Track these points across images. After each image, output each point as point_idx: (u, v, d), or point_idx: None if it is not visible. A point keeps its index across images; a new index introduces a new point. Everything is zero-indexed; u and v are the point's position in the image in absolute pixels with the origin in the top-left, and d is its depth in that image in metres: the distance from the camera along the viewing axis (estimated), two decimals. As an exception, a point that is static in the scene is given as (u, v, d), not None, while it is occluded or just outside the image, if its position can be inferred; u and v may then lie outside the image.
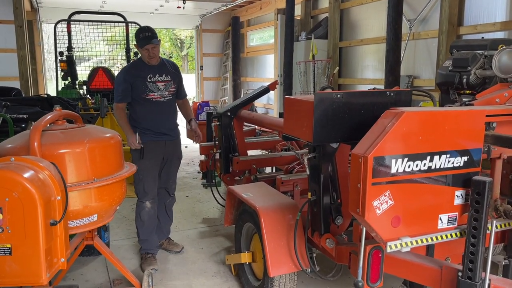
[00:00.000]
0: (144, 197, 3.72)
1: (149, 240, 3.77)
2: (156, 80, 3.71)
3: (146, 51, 3.64)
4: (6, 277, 2.13)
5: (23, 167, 2.17)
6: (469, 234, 2.00)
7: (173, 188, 4.07)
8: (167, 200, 4.04)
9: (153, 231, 3.81)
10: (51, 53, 16.94)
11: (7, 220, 2.07)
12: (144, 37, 3.60)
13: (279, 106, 9.52)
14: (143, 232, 3.74)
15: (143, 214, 3.71)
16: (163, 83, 3.75)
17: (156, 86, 3.70)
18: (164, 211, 4.03)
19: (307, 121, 2.32)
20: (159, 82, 3.73)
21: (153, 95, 3.70)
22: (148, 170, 3.68)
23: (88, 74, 8.07)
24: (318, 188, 2.65)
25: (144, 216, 3.71)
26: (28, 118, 5.13)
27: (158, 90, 3.71)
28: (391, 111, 2.01)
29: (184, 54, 32.68)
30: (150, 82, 3.68)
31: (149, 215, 3.73)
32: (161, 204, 3.99)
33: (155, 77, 3.71)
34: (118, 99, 3.73)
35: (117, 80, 3.79)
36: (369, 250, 2.24)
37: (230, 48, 12.29)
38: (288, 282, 3.00)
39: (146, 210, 3.71)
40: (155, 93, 3.70)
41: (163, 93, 3.74)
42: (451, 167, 2.06)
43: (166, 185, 3.98)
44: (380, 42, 7.03)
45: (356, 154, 1.95)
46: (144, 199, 3.72)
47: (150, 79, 3.68)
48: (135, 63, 3.87)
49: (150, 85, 3.68)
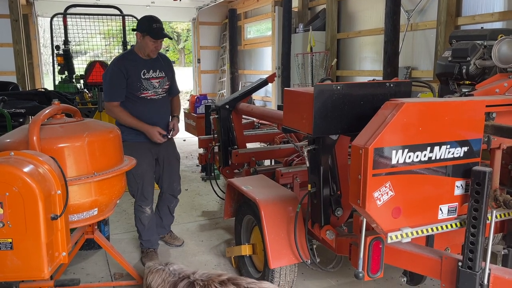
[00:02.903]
0: (143, 202, 3.59)
1: (150, 240, 3.72)
2: (150, 77, 3.45)
3: (153, 43, 3.35)
4: (8, 271, 2.14)
5: (23, 161, 2.17)
6: (469, 224, 2.01)
7: (178, 190, 3.93)
8: (171, 204, 3.94)
9: (154, 231, 3.76)
10: (47, 47, 16.82)
11: (8, 214, 2.07)
12: (157, 28, 3.31)
13: (277, 98, 9.51)
14: (144, 234, 3.68)
15: (144, 218, 3.62)
16: (157, 79, 3.50)
17: (150, 84, 3.45)
18: (168, 211, 3.96)
19: (307, 113, 2.32)
20: (153, 79, 3.47)
21: (147, 93, 3.46)
22: (144, 173, 3.52)
23: (85, 68, 8.04)
24: (318, 180, 2.66)
25: (145, 221, 3.63)
26: (25, 113, 5.12)
27: (152, 88, 3.46)
28: (391, 102, 2.01)
29: (181, 47, 32.54)
30: (145, 79, 3.42)
31: (149, 218, 3.66)
32: (165, 206, 3.92)
33: (149, 73, 3.44)
34: (111, 97, 3.39)
35: (108, 74, 3.40)
36: (370, 241, 2.25)
37: (227, 41, 12.23)
38: (289, 273, 3.01)
39: (146, 215, 3.62)
40: (150, 90, 3.46)
41: (157, 91, 3.50)
42: (451, 157, 2.06)
43: (170, 190, 3.85)
44: (378, 34, 7.00)
45: (356, 145, 1.95)
46: (143, 205, 3.59)
47: (144, 76, 3.42)
48: (127, 55, 3.52)
49: (144, 82, 3.42)
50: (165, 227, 4.03)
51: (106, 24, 9.12)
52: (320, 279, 3.40)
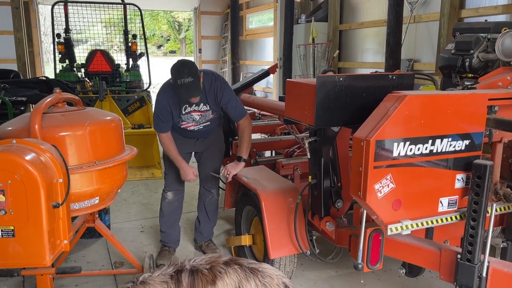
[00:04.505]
0: (165, 188, 3.56)
1: (167, 233, 3.62)
2: (192, 110, 3.22)
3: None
4: (10, 258, 2.15)
5: (25, 149, 2.17)
6: (469, 217, 2.02)
7: (213, 184, 3.62)
8: (206, 199, 3.65)
9: (173, 226, 3.63)
10: (48, 35, 16.73)
11: (10, 202, 2.08)
12: (183, 85, 2.89)
13: (279, 89, 9.48)
14: (162, 224, 3.61)
15: (164, 205, 3.57)
16: (199, 113, 3.24)
17: (191, 116, 3.25)
18: (204, 211, 3.67)
19: (309, 105, 2.32)
20: (194, 112, 3.23)
21: (187, 124, 3.31)
22: (171, 162, 3.40)
23: (86, 57, 8.01)
24: (318, 172, 2.66)
25: (164, 208, 3.57)
26: (27, 101, 5.11)
27: (192, 120, 3.28)
28: (393, 94, 2.01)
29: (182, 37, 32.39)
30: (185, 114, 3.23)
31: (170, 207, 3.56)
32: (201, 203, 3.69)
33: (192, 107, 3.20)
34: (160, 129, 3.26)
35: (157, 107, 3.24)
36: (370, 233, 2.26)
37: (229, 31, 12.16)
38: (288, 264, 3.03)
39: (167, 201, 3.55)
40: (190, 122, 3.30)
41: (199, 122, 3.30)
42: (453, 150, 2.07)
43: (203, 182, 3.63)
44: (381, 25, 6.96)
45: (358, 137, 1.95)
46: (166, 190, 3.56)
47: (185, 111, 3.21)
48: (171, 87, 3.14)
49: (184, 116, 3.24)
50: (202, 233, 3.74)
51: (107, 13, 9.05)
52: (319, 269, 3.42)
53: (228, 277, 1.78)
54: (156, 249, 3.80)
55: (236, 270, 1.81)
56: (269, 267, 1.96)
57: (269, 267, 1.95)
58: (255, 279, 1.81)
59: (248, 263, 1.90)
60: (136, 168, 6.10)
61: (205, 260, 1.86)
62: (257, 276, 1.83)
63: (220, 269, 1.80)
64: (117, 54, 8.92)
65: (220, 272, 1.78)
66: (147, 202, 5.02)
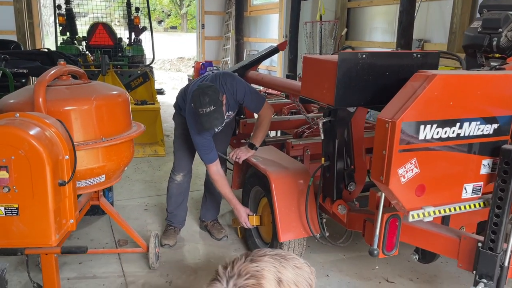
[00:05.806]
0: (174, 169, 3.51)
1: (174, 213, 3.58)
2: None
3: None
4: (14, 238, 2.07)
5: (29, 123, 2.06)
6: (494, 205, 1.93)
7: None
8: None
9: (181, 206, 3.59)
10: (47, 7, 16.40)
11: (14, 179, 1.98)
12: (205, 115, 2.74)
13: (284, 68, 9.30)
14: (170, 205, 3.57)
15: (171, 187, 3.53)
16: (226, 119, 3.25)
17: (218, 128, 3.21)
18: (210, 189, 3.60)
19: (329, 83, 2.20)
20: None
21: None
22: (181, 144, 3.40)
23: (87, 30, 7.81)
24: (332, 154, 2.57)
25: (172, 189, 3.53)
26: (28, 73, 4.97)
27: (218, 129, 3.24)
28: (421, 73, 1.89)
29: (184, 13, 31.84)
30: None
31: (178, 189, 3.52)
32: (208, 180, 3.57)
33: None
34: (211, 158, 3.09)
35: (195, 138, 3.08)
36: (387, 219, 2.18)
37: (233, 6, 11.88)
38: (297, 246, 2.97)
39: (175, 183, 3.51)
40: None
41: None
42: (480, 134, 1.97)
43: None
44: (391, 3, 6.76)
45: (383, 119, 1.84)
46: (175, 171, 3.50)
47: (217, 129, 3.19)
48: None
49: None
50: (208, 209, 3.73)
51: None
52: (327, 252, 3.37)
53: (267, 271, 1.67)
54: (160, 227, 3.74)
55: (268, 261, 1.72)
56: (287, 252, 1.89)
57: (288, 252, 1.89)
58: (288, 265, 1.74)
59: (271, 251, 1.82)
60: (139, 145, 5.99)
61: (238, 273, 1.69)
62: (289, 262, 1.76)
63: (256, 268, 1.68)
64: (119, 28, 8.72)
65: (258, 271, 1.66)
66: (150, 179, 4.94)
